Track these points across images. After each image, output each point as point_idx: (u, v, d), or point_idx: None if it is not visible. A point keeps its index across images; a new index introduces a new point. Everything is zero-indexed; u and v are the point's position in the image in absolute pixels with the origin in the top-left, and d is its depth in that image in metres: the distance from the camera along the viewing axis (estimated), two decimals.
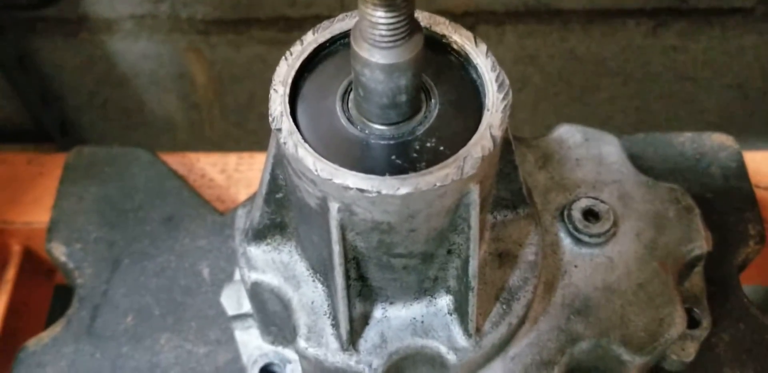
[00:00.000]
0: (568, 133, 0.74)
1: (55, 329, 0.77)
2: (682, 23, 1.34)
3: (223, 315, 0.74)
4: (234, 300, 0.72)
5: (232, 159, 0.97)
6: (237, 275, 0.75)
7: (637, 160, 0.84)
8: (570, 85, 1.48)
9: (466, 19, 1.31)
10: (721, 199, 0.85)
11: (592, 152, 0.73)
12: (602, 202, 0.68)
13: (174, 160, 0.94)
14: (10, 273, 0.92)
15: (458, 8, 1.27)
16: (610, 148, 0.73)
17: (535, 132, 1.10)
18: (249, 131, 1.59)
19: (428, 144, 0.49)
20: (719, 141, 0.89)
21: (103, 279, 0.79)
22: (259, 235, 0.61)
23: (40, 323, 0.96)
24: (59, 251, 0.81)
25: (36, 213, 0.91)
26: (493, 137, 0.48)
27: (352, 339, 0.57)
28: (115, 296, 0.78)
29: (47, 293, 1.00)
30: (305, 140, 0.48)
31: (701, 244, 0.70)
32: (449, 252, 0.54)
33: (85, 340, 0.75)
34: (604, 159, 0.73)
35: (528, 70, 1.44)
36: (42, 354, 0.75)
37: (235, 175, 0.95)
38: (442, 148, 0.49)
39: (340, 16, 0.53)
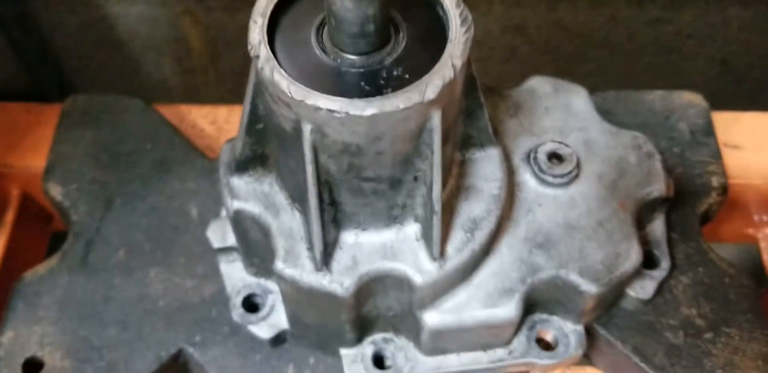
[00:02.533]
0: (539, 84, 0.78)
1: (51, 261, 0.81)
2: None
3: (210, 251, 0.79)
4: (219, 234, 0.76)
5: (222, 111, 1.01)
6: (223, 212, 0.79)
7: (607, 115, 0.88)
8: (557, 55, 1.50)
9: None
10: (688, 152, 0.89)
11: (560, 102, 0.77)
12: (566, 146, 0.72)
13: (166, 111, 0.97)
14: (9, 216, 0.96)
15: None
16: (578, 98, 0.78)
17: None
18: (243, 96, 1.62)
19: (395, 72, 0.53)
20: (688, 99, 0.93)
21: (96, 217, 0.83)
22: (241, 166, 0.66)
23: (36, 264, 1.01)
24: (56, 191, 0.85)
25: (34, 158, 0.95)
26: (453, 66, 0.52)
27: (325, 261, 0.62)
28: (108, 233, 0.82)
29: (44, 239, 1.04)
30: (281, 67, 0.52)
31: (660, 187, 0.74)
32: (416, 179, 0.59)
33: (79, 272, 0.79)
34: (572, 108, 0.77)
35: (515, 40, 1.47)
36: (38, 284, 0.79)
37: (225, 127, 0.99)
38: (407, 76, 0.53)
39: None
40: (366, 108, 0.50)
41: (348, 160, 0.55)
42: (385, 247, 0.63)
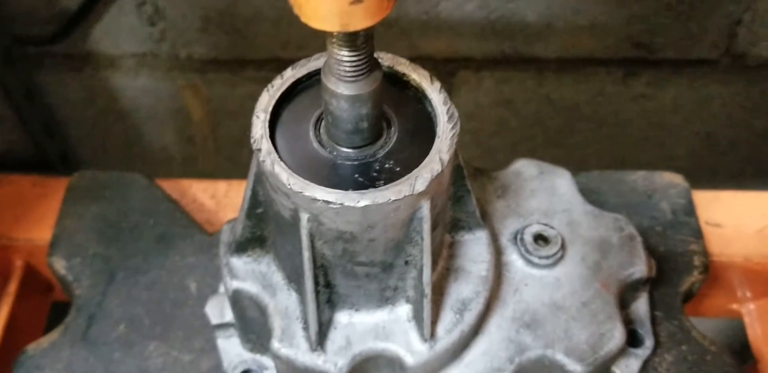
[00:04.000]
0: (525, 167, 0.82)
1: (53, 335, 0.83)
2: (651, 73, 1.42)
3: (207, 326, 0.81)
4: (217, 310, 0.79)
5: (221, 186, 1.04)
6: (221, 289, 0.82)
7: (591, 195, 0.92)
8: (545, 128, 1.55)
9: (448, 65, 1.40)
10: (670, 232, 0.92)
11: (545, 184, 0.81)
12: (551, 228, 0.76)
13: (168, 186, 1.01)
14: (12, 287, 0.98)
15: (440, 54, 1.36)
16: (562, 181, 0.81)
17: None
18: (241, 165, 1.65)
19: (387, 165, 0.57)
20: (669, 179, 0.97)
21: (99, 291, 0.86)
22: (240, 247, 0.69)
23: (36, 336, 1.02)
24: (60, 265, 0.88)
25: (38, 231, 0.98)
26: (441, 160, 0.56)
27: (320, 341, 0.65)
28: (110, 306, 0.85)
29: (44, 309, 1.06)
30: (281, 159, 0.56)
31: (642, 268, 0.77)
32: (407, 263, 0.62)
33: (80, 345, 0.82)
34: (557, 190, 0.81)
35: (505, 113, 1.52)
36: (40, 357, 0.81)
37: (224, 201, 1.03)
38: (398, 169, 0.57)
39: (316, 56, 0.62)
40: (360, 200, 0.54)
41: (342, 247, 0.59)
42: (378, 327, 0.66)
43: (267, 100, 0.59)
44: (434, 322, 0.65)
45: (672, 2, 1.24)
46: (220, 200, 1.02)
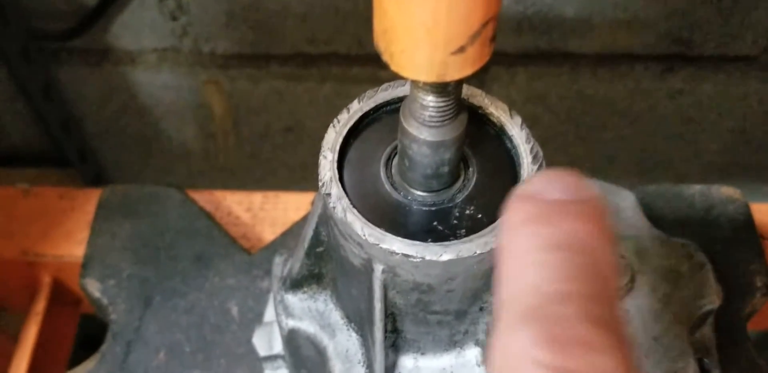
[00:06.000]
0: None
1: (89, 364, 0.80)
2: (689, 69, 1.38)
3: (251, 354, 0.77)
4: (265, 341, 0.75)
5: (257, 198, 1.00)
6: (267, 317, 0.78)
7: (648, 210, 0.88)
8: (578, 124, 1.52)
9: None
10: (729, 250, 0.88)
11: (610, 207, 0.77)
12: (622, 257, 0.72)
13: (201, 198, 0.97)
14: (41, 305, 0.95)
15: None
16: (626, 203, 0.77)
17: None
18: (262, 161, 1.63)
19: (467, 211, 0.53)
20: (727, 194, 0.92)
21: (136, 315, 0.82)
22: (296, 284, 0.65)
23: (66, 351, 1.00)
24: (94, 287, 0.85)
25: (67, 246, 0.95)
26: None
27: None
28: (148, 333, 0.81)
29: (74, 323, 1.03)
30: (353, 205, 0.52)
31: (713, 299, 0.74)
32: (481, 309, 0.58)
33: None
34: (621, 213, 0.77)
35: (538, 109, 1.48)
36: None
37: (260, 214, 0.99)
38: (480, 215, 0.52)
39: (384, 86, 0.57)
40: (443, 254, 0.50)
41: (417, 297, 0.55)
42: (445, 371, 0.62)
43: (334, 137, 0.55)
44: None
45: None
46: (256, 213, 0.98)
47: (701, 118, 1.50)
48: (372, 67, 1.36)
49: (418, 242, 0.50)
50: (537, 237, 0.37)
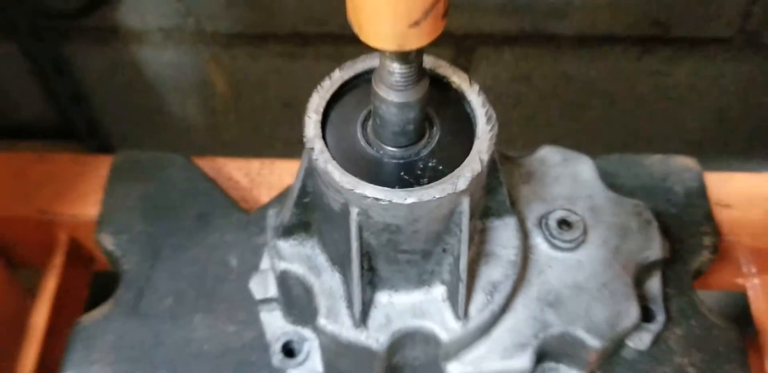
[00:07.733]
0: (549, 154, 0.87)
1: (105, 307, 0.89)
2: (666, 50, 1.45)
3: (249, 300, 0.87)
4: (261, 286, 0.84)
5: (255, 165, 1.09)
6: (262, 265, 0.88)
7: (611, 178, 0.97)
8: (561, 103, 1.59)
9: (467, 41, 1.43)
10: (682, 214, 0.97)
11: (569, 170, 0.86)
12: (575, 213, 0.81)
13: (203, 164, 1.06)
14: (58, 259, 1.04)
15: (459, 31, 1.39)
16: (584, 167, 0.86)
17: (527, 145, 1.21)
18: (262, 135, 1.70)
19: (430, 163, 0.62)
20: (683, 163, 1.01)
21: (146, 266, 0.91)
22: (287, 232, 0.74)
23: (81, 304, 1.09)
24: (108, 241, 0.94)
25: (82, 207, 1.03)
26: (481, 161, 0.60)
27: (363, 318, 0.70)
28: (157, 281, 0.90)
29: (87, 279, 1.12)
30: (333, 158, 0.61)
31: (657, 251, 0.83)
32: (444, 251, 0.67)
33: (131, 317, 0.88)
34: (579, 177, 0.86)
35: (522, 88, 1.56)
36: (94, 329, 0.87)
37: (258, 179, 1.07)
38: (441, 167, 0.62)
39: (362, 57, 0.66)
40: (407, 197, 0.59)
41: (387, 237, 0.64)
42: (415, 307, 0.72)
43: (317, 101, 0.64)
44: (467, 303, 0.71)
45: None
46: (254, 178, 1.07)
47: (679, 98, 1.57)
48: (364, 46, 1.44)
49: (386, 188, 0.59)
50: None
